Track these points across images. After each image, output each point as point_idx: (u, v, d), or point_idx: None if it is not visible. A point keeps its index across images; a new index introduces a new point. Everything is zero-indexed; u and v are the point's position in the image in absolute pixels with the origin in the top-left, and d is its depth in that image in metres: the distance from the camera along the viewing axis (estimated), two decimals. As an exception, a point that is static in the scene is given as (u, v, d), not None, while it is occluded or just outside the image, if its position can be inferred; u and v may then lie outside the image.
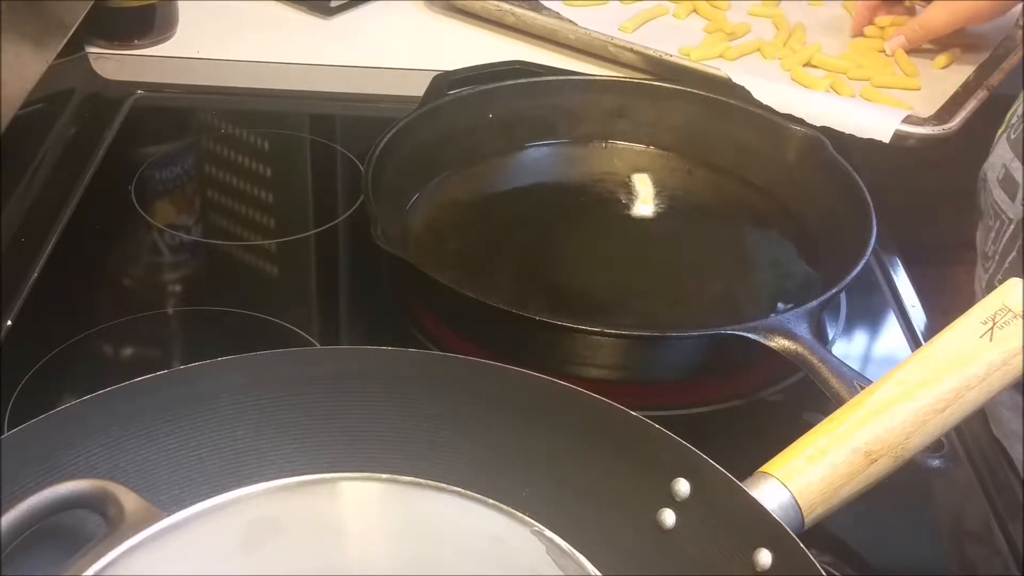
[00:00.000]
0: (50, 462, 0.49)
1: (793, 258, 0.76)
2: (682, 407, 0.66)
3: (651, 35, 0.98)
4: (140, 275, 0.77)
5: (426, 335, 0.70)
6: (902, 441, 0.51)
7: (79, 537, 0.47)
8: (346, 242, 0.79)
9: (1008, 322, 0.53)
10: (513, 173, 0.85)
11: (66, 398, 0.60)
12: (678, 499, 0.50)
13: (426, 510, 0.45)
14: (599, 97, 0.87)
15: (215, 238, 0.80)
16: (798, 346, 0.62)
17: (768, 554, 0.47)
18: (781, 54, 0.97)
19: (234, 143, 0.89)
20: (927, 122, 0.86)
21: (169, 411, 0.52)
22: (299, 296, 0.76)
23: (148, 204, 0.81)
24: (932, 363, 0.53)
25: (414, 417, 0.54)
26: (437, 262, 0.73)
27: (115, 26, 0.96)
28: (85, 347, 0.67)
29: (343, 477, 0.45)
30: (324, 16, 1.04)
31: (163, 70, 0.96)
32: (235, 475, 0.51)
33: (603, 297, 0.73)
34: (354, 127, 0.92)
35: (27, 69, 0.80)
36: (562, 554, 0.43)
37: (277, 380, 0.53)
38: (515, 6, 1.01)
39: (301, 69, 0.97)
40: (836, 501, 0.50)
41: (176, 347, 0.72)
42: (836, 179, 0.78)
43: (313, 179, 0.88)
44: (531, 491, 0.51)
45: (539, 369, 0.54)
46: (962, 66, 0.96)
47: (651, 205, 0.81)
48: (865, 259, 0.69)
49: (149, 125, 0.91)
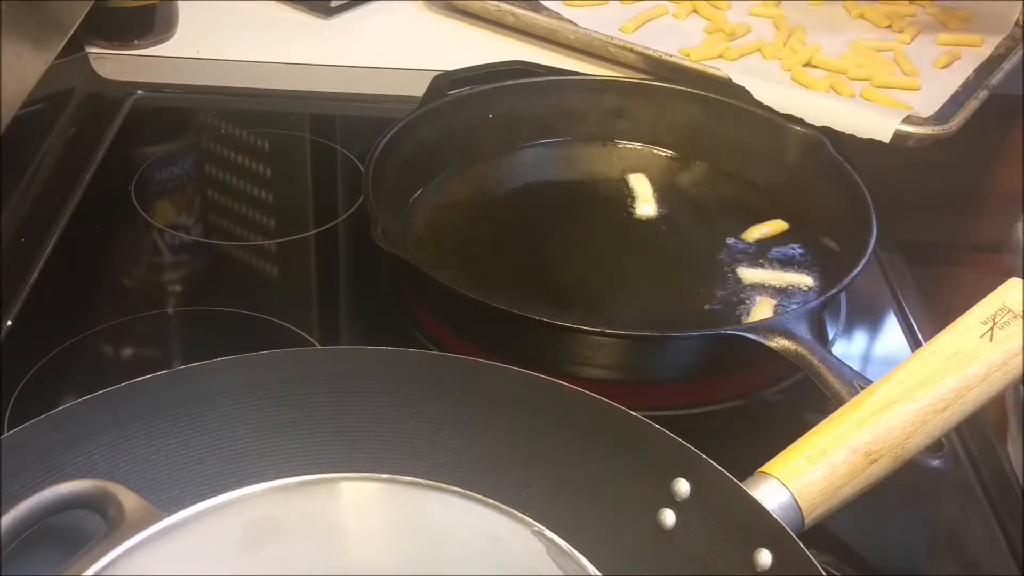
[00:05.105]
0: (50, 462, 0.49)
1: (793, 258, 0.76)
2: (682, 407, 0.66)
3: (651, 35, 0.98)
4: (140, 275, 0.77)
5: (426, 335, 0.70)
6: (902, 441, 0.51)
7: (79, 537, 0.47)
8: (346, 242, 0.79)
9: (1008, 322, 0.53)
10: (513, 173, 0.85)
11: (66, 398, 0.60)
12: (678, 499, 0.50)
13: (426, 510, 0.45)
14: (599, 97, 0.87)
15: (215, 238, 0.80)
16: (798, 346, 0.62)
17: (768, 554, 0.47)
18: (781, 54, 0.97)
19: (234, 143, 0.89)
20: (927, 122, 0.86)
21: (169, 411, 0.52)
22: (299, 296, 0.76)
23: (148, 204, 0.81)
24: (932, 363, 0.53)
25: (414, 417, 0.54)
26: (437, 262, 0.73)
27: (115, 26, 0.96)
28: (85, 347, 0.67)
29: (343, 477, 0.45)
30: (324, 16, 1.04)
31: (163, 70, 0.96)
32: (235, 475, 0.51)
33: (603, 297, 0.73)
34: (354, 127, 0.92)
35: (27, 69, 0.80)
36: (562, 554, 0.43)
37: (277, 380, 0.53)
38: (515, 6, 1.01)
39: (301, 69, 0.97)
40: (836, 501, 0.50)
41: (176, 347, 0.72)
42: (836, 179, 0.78)
43: (313, 179, 0.88)
44: (531, 491, 0.51)
45: (539, 369, 0.54)
46: (962, 66, 0.96)
47: (651, 205, 0.81)
48: (865, 259, 0.69)
49: (149, 125, 0.91)
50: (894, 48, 0.99)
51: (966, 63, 0.96)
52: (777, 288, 0.73)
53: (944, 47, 0.99)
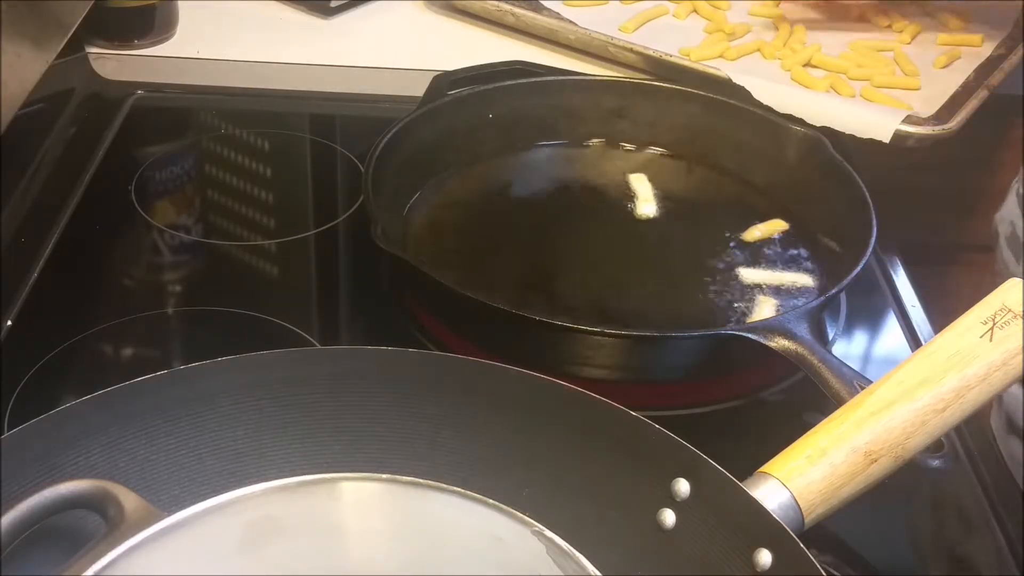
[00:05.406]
0: (50, 462, 0.49)
1: (793, 258, 0.76)
2: (682, 407, 0.66)
3: (651, 35, 0.98)
4: (140, 275, 0.77)
5: (426, 335, 0.70)
6: (902, 441, 0.51)
7: (79, 537, 0.47)
8: (346, 242, 0.79)
9: (1008, 322, 0.53)
10: (513, 173, 0.85)
11: (66, 398, 0.60)
12: (678, 499, 0.50)
13: (426, 510, 0.45)
14: (599, 97, 0.87)
15: (215, 238, 0.80)
16: (798, 346, 0.62)
17: (768, 554, 0.47)
18: (781, 54, 0.97)
19: (234, 143, 0.89)
20: (927, 122, 0.86)
21: (169, 411, 0.52)
22: (299, 296, 0.76)
23: (148, 204, 0.81)
24: (932, 363, 0.53)
25: (414, 417, 0.54)
26: (437, 262, 0.73)
27: (115, 26, 0.96)
28: (85, 347, 0.67)
29: (343, 477, 0.45)
30: (324, 16, 1.04)
31: (163, 70, 0.96)
32: (235, 475, 0.51)
33: (603, 297, 0.73)
34: (354, 127, 0.92)
35: (27, 69, 0.80)
36: (562, 554, 0.43)
37: (277, 380, 0.53)
38: (515, 6, 1.01)
39: (301, 69, 0.97)
40: (836, 501, 0.50)
41: (176, 347, 0.72)
42: (836, 179, 0.78)
43: (313, 179, 0.88)
44: (531, 491, 0.51)
45: (539, 369, 0.54)
46: (962, 66, 0.96)
47: (651, 205, 0.81)
48: (865, 259, 0.69)
49: (149, 125, 0.91)
50: (894, 48, 0.99)
51: (966, 63, 0.96)
52: (777, 288, 0.73)
53: (944, 47, 0.99)
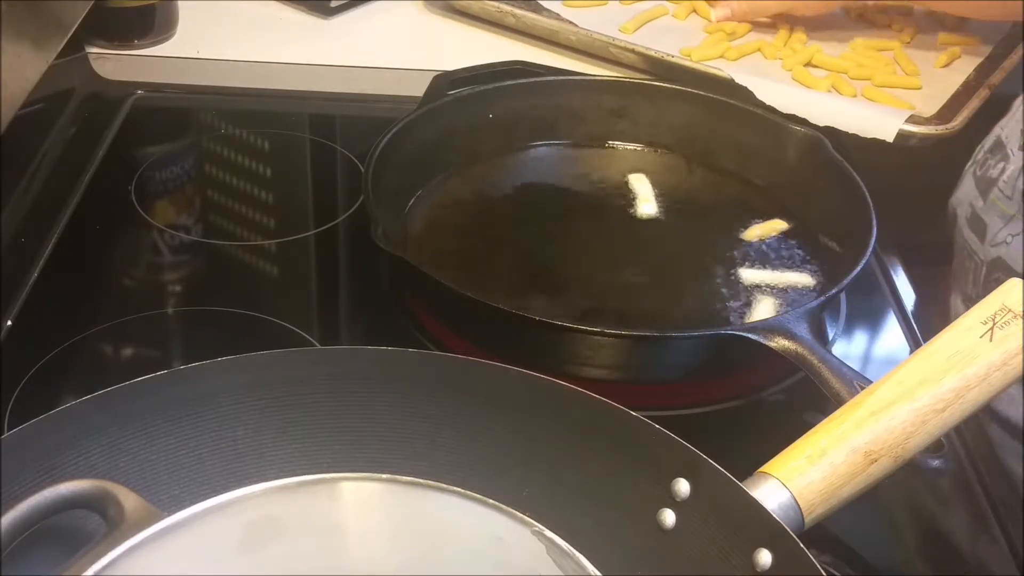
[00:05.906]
0: (50, 462, 0.49)
1: (793, 258, 0.76)
2: (682, 407, 0.66)
3: (651, 36, 0.98)
4: (140, 275, 0.77)
5: (426, 335, 0.70)
6: (902, 441, 0.51)
7: (79, 537, 0.47)
8: (346, 242, 0.79)
9: (1008, 322, 0.53)
10: (513, 173, 0.85)
11: (66, 398, 0.60)
12: (678, 499, 0.50)
13: (426, 510, 0.45)
14: (599, 97, 0.87)
15: (215, 238, 0.80)
16: (798, 346, 0.62)
17: (768, 554, 0.47)
18: (782, 54, 0.97)
19: (234, 143, 0.89)
20: (930, 121, 0.86)
21: (169, 411, 0.52)
22: (299, 296, 0.76)
23: (148, 204, 0.81)
24: (932, 363, 0.53)
25: (414, 417, 0.54)
26: (437, 262, 0.73)
27: (115, 26, 0.96)
28: (85, 347, 0.67)
29: (343, 477, 0.45)
30: (324, 16, 1.04)
31: (163, 70, 0.96)
32: (235, 475, 0.51)
33: (603, 297, 0.73)
34: (354, 127, 0.92)
35: (27, 69, 0.80)
36: (562, 554, 0.43)
37: (277, 380, 0.53)
38: (515, 7, 1.01)
39: (301, 69, 0.97)
40: (836, 501, 0.50)
41: (176, 347, 0.72)
42: (836, 179, 0.78)
43: (313, 179, 0.88)
44: (531, 491, 0.51)
45: (539, 369, 0.54)
46: (962, 65, 0.96)
47: (651, 205, 0.81)
48: (865, 259, 0.69)
49: (149, 125, 0.91)
50: (894, 48, 0.99)
51: (966, 62, 0.96)
52: (777, 288, 0.73)
53: (944, 46, 0.99)
